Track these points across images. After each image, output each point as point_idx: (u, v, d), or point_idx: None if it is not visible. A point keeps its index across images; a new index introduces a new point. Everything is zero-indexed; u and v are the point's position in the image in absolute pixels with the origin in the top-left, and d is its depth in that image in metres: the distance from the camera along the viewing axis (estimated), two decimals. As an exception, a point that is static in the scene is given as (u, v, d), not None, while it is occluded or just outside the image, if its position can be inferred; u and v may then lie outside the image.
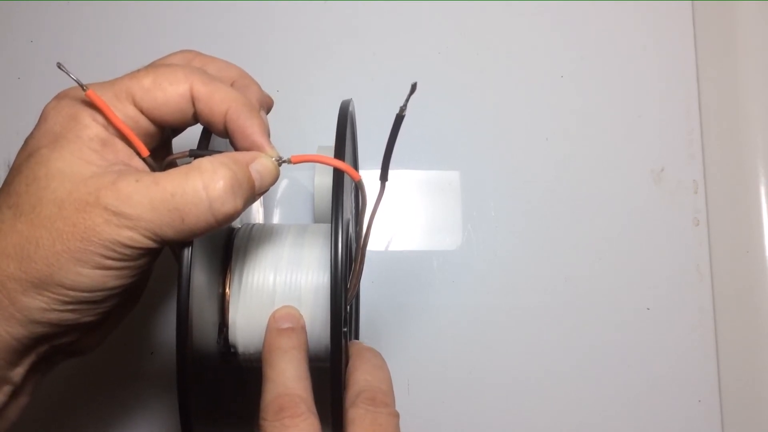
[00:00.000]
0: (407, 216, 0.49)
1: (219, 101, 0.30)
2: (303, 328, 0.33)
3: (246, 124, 0.30)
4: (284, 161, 0.30)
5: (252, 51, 0.51)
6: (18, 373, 0.29)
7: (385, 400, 0.31)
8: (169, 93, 0.29)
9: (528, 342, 0.47)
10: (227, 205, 0.28)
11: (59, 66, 0.28)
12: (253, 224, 0.38)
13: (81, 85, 0.28)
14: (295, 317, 0.33)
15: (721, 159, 0.50)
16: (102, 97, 0.29)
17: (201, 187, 0.27)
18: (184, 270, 0.28)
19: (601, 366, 0.47)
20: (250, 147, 0.30)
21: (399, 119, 0.29)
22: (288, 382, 0.30)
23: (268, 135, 0.31)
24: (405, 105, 0.29)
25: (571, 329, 0.47)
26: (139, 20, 0.52)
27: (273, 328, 0.33)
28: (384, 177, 0.31)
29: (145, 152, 0.30)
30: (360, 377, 0.32)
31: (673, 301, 0.48)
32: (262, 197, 0.47)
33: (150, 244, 0.27)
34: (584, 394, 0.47)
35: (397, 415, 0.31)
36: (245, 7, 0.52)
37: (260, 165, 0.30)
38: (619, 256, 0.49)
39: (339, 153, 0.32)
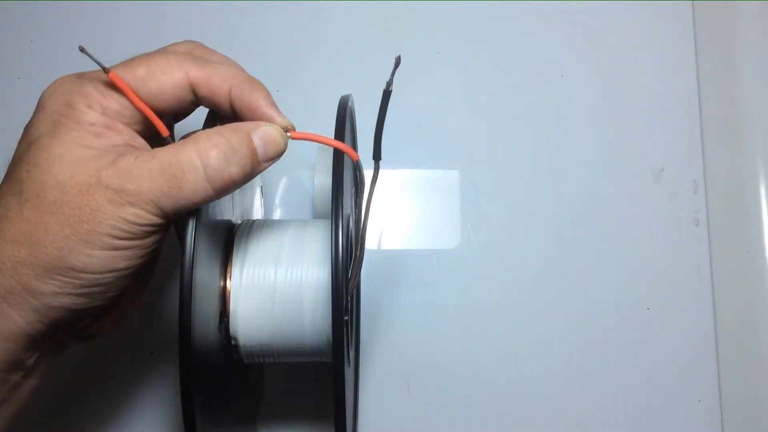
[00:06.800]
0: (407, 215, 0.49)
1: (219, 81, 0.30)
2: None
3: (251, 99, 0.30)
4: (289, 136, 0.30)
5: (252, 51, 0.51)
6: (31, 356, 0.30)
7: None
8: (163, 82, 0.30)
9: (527, 342, 0.47)
10: (223, 173, 0.28)
11: (81, 49, 0.28)
12: (254, 219, 0.39)
13: (103, 68, 0.28)
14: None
15: (721, 159, 0.50)
16: (96, 87, 0.29)
17: (195, 154, 0.28)
18: (188, 245, 0.28)
19: (601, 366, 0.47)
20: (259, 120, 0.30)
21: (386, 95, 0.29)
22: None
23: (275, 106, 0.31)
24: (391, 80, 0.29)
25: (571, 329, 0.47)
26: (139, 20, 0.52)
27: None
28: (377, 156, 0.31)
29: (165, 132, 0.30)
30: None
31: (673, 301, 0.48)
32: (262, 197, 0.47)
33: (154, 219, 0.28)
34: (584, 393, 0.47)
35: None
36: (245, 7, 0.52)
37: (263, 132, 0.30)
38: (619, 256, 0.49)
39: (339, 135, 0.32)
